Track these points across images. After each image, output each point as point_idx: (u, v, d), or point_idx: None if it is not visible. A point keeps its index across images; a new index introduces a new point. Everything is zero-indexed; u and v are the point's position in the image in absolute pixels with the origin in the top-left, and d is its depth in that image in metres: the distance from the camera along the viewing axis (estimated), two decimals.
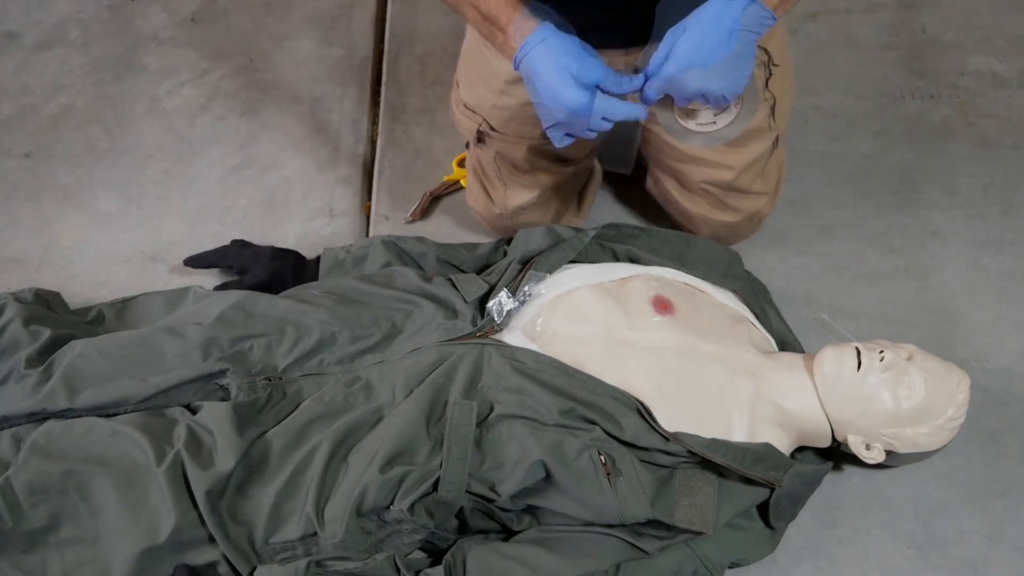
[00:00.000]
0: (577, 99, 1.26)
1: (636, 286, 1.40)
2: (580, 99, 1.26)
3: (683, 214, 1.65)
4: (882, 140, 1.86)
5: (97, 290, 1.71)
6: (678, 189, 1.62)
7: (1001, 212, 1.75)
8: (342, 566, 1.23)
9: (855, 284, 1.67)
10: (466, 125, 1.59)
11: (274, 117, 1.96)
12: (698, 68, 1.22)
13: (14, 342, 1.42)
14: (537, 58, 1.27)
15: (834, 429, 1.35)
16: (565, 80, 1.25)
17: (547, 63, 1.26)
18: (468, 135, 1.60)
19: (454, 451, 1.26)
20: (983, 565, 1.37)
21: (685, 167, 1.57)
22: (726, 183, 1.55)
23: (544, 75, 1.26)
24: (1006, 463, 1.46)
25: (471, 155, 1.65)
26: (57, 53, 2.09)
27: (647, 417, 1.27)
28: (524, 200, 1.62)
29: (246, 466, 1.28)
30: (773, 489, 1.29)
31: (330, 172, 1.87)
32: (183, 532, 1.24)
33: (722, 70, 1.23)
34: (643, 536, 1.27)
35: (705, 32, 1.21)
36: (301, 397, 1.35)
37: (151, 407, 1.35)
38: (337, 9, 2.15)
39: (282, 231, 1.78)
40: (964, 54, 1.98)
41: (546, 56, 1.26)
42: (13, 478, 1.26)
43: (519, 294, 1.40)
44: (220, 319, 1.40)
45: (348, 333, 1.38)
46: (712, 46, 1.21)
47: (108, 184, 1.87)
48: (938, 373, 1.34)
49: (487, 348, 1.34)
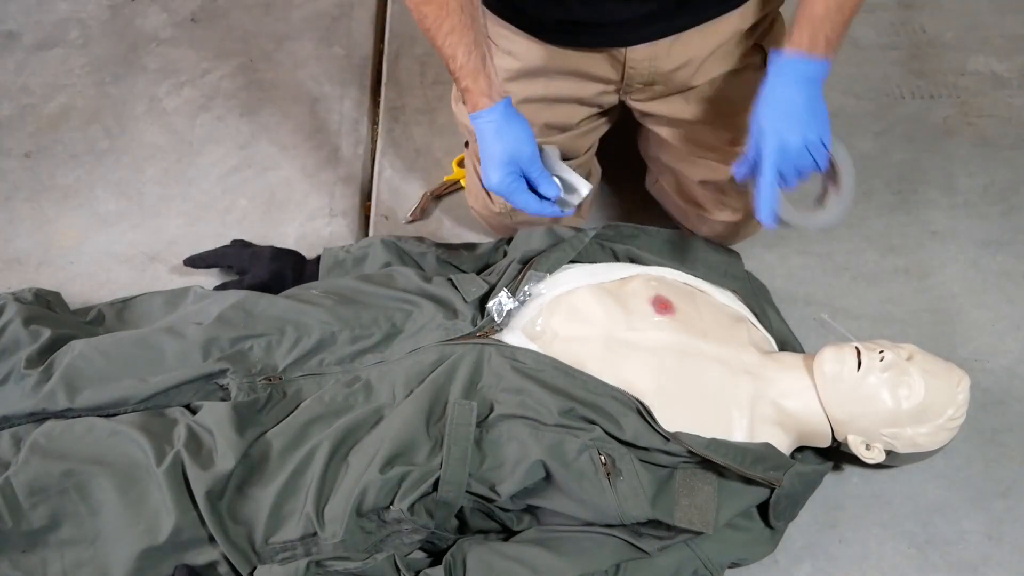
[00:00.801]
0: (501, 181, 1.36)
1: (636, 286, 1.40)
2: (501, 183, 1.36)
3: (683, 213, 1.65)
4: (882, 140, 1.86)
5: (97, 290, 1.71)
6: (677, 188, 1.62)
7: (1001, 212, 1.75)
8: (342, 566, 1.23)
9: (855, 284, 1.67)
10: (464, 121, 1.60)
11: (274, 117, 1.96)
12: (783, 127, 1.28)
13: (14, 342, 1.42)
14: (479, 132, 1.37)
15: (834, 429, 1.35)
16: (493, 162, 1.36)
17: (484, 141, 1.36)
18: (467, 130, 1.60)
19: (454, 451, 1.26)
20: (983, 565, 1.37)
21: (684, 166, 1.57)
22: (725, 181, 1.55)
23: (484, 147, 1.37)
24: (1006, 463, 1.46)
25: (470, 153, 1.65)
26: (57, 53, 2.09)
27: (647, 417, 1.27)
28: None
29: (246, 466, 1.28)
30: (773, 489, 1.29)
31: (330, 172, 1.87)
32: (183, 532, 1.24)
33: (804, 120, 1.29)
34: (643, 536, 1.27)
35: (777, 101, 1.29)
36: (301, 397, 1.35)
37: (151, 407, 1.35)
38: (337, 9, 2.15)
39: (282, 231, 1.78)
40: (964, 54, 1.98)
41: (484, 134, 1.36)
42: (13, 478, 1.26)
43: (519, 294, 1.40)
44: (220, 319, 1.40)
45: (348, 333, 1.38)
46: (787, 110, 1.29)
47: (108, 184, 1.87)
48: (938, 373, 1.34)
49: (487, 348, 1.34)
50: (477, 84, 1.34)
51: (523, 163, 1.36)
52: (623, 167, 1.79)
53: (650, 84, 1.49)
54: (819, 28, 1.28)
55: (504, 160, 1.35)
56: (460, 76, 1.34)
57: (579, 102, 1.53)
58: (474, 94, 1.34)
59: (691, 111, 1.52)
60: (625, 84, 1.49)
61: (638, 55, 1.44)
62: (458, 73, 1.34)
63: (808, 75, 1.30)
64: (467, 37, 1.33)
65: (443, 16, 1.32)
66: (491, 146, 1.36)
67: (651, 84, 1.49)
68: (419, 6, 1.32)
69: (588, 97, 1.52)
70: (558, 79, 1.49)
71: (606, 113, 1.59)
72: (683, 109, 1.52)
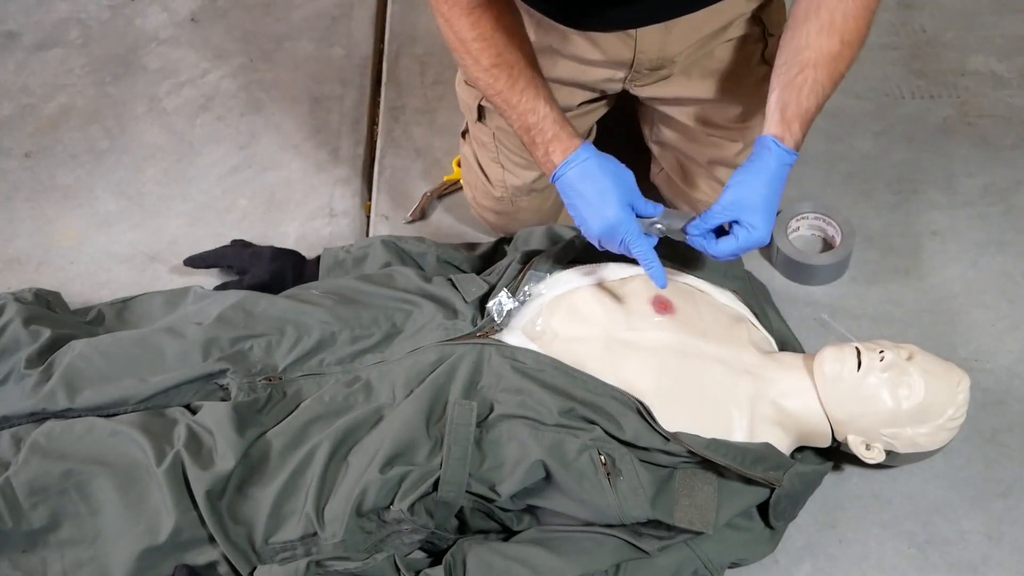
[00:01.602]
0: (617, 215, 1.29)
1: (636, 286, 1.40)
2: (620, 215, 1.29)
3: (688, 203, 1.65)
4: (882, 140, 1.86)
5: (97, 290, 1.71)
6: (682, 175, 1.63)
7: (1001, 212, 1.75)
8: (342, 566, 1.23)
9: (855, 284, 1.67)
10: (467, 100, 1.60)
11: (274, 117, 1.96)
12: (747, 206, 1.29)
13: (14, 342, 1.42)
14: (578, 176, 1.30)
15: (834, 429, 1.35)
16: (606, 198, 1.29)
17: (588, 181, 1.30)
18: (469, 111, 1.61)
19: (454, 451, 1.26)
20: (983, 565, 1.37)
21: (692, 147, 1.58)
22: (732, 158, 1.55)
23: (585, 192, 1.30)
24: (1006, 463, 1.46)
25: (470, 139, 1.65)
26: (57, 53, 2.09)
27: (647, 417, 1.27)
28: (524, 180, 1.62)
29: (246, 466, 1.28)
30: (773, 489, 1.29)
31: (330, 172, 1.87)
32: (183, 532, 1.24)
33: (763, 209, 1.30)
34: (643, 536, 1.27)
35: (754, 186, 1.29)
36: (301, 397, 1.35)
37: (151, 407, 1.35)
38: (337, 9, 2.15)
39: (282, 231, 1.78)
40: (964, 54, 1.98)
41: (587, 175, 1.30)
42: (13, 478, 1.26)
43: (519, 294, 1.40)
44: (220, 319, 1.40)
45: (348, 333, 1.38)
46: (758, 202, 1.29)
47: (108, 184, 1.87)
48: (938, 373, 1.34)
49: (487, 348, 1.34)
50: (565, 129, 1.33)
51: (631, 192, 1.32)
52: (625, 165, 1.79)
53: (657, 68, 1.50)
54: (808, 123, 1.30)
55: (618, 194, 1.29)
56: (545, 126, 1.33)
57: (581, 86, 1.53)
58: (564, 140, 1.33)
59: (695, 90, 1.53)
60: (634, 71, 1.50)
61: (649, 37, 1.45)
62: (542, 124, 1.33)
63: (788, 167, 1.31)
64: (542, 91, 1.34)
65: (515, 76, 1.32)
66: (599, 182, 1.30)
67: (658, 68, 1.50)
68: (490, 69, 1.32)
69: (592, 82, 1.53)
70: (562, 62, 1.49)
71: (606, 97, 1.59)
72: (687, 88, 1.53)
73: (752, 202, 1.29)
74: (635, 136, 1.71)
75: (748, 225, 1.29)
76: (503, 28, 1.32)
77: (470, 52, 1.32)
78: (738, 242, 1.29)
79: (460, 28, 1.31)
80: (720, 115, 1.55)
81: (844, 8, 1.27)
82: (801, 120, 1.29)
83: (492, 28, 1.31)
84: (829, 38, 1.27)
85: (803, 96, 1.28)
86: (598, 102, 1.60)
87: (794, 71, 1.28)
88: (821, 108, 1.30)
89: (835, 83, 1.30)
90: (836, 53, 1.28)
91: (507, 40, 1.32)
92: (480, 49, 1.32)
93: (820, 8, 1.28)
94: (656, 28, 1.43)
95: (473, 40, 1.32)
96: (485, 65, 1.32)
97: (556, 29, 1.46)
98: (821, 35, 1.27)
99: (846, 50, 1.28)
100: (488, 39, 1.32)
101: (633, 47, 1.46)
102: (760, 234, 1.29)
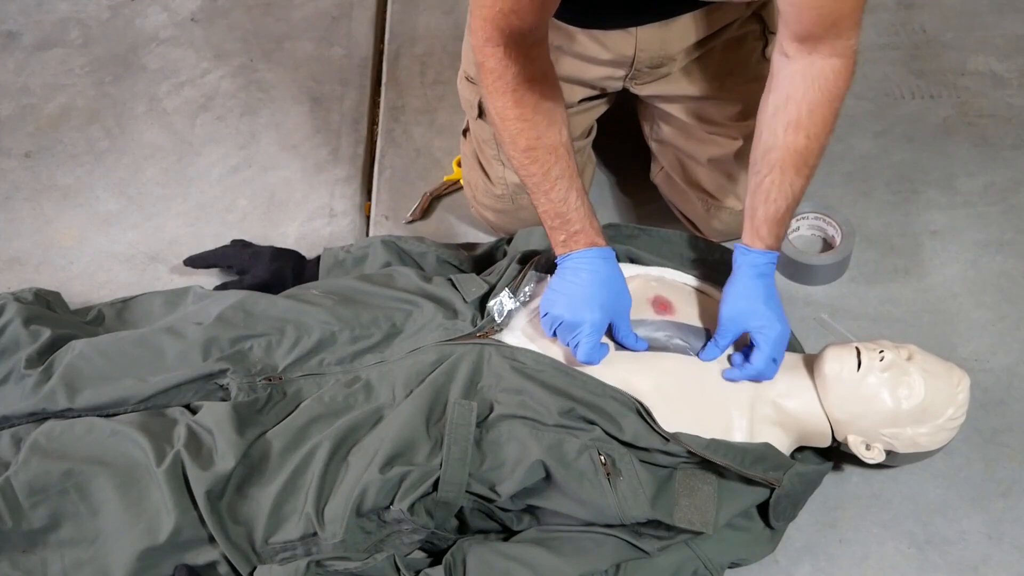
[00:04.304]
0: (592, 319, 1.29)
1: (636, 286, 1.40)
2: (595, 320, 1.29)
3: (688, 204, 1.65)
4: (882, 140, 1.86)
5: (97, 290, 1.71)
6: (683, 174, 1.63)
7: (1001, 212, 1.75)
8: (342, 566, 1.23)
9: (855, 284, 1.67)
10: (468, 97, 1.60)
11: (274, 117, 1.96)
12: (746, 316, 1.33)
13: (14, 342, 1.42)
14: (587, 268, 1.32)
15: (834, 429, 1.35)
16: (593, 303, 1.30)
17: (591, 278, 1.32)
18: (471, 109, 1.61)
19: (454, 451, 1.26)
20: (983, 565, 1.37)
21: (692, 145, 1.58)
22: (731, 156, 1.56)
23: (581, 283, 1.31)
24: (1006, 463, 1.46)
25: (471, 137, 1.65)
26: (57, 53, 2.09)
27: (647, 417, 1.27)
28: None
29: (246, 466, 1.28)
30: (773, 489, 1.29)
31: (330, 172, 1.87)
32: (183, 532, 1.24)
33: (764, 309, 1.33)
34: (643, 536, 1.27)
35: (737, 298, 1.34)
36: (301, 397, 1.35)
37: (151, 407, 1.35)
38: (337, 9, 2.15)
39: (282, 231, 1.78)
40: (964, 54, 1.98)
41: (595, 272, 1.32)
42: (13, 478, 1.26)
43: (519, 294, 1.40)
44: (220, 319, 1.40)
45: (348, 333, 1.38)
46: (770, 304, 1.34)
47: (108, 184, 1.87)
48: (938, 373, 1.34)
49: (487, 348, 1.34)
50: (592, 224, 1.35)
51: (619, 313, 1.33)
52: (625, 166, 1.80)
53: (657, 66, 1.50)
54: (780, 222, 1.34)
55: (607, 303, 1.31)
56: (573, 218, 1.34)
57: (582, 83, 1.54)
58: (590, 233, 1.34)
59: (696, 87, 1.53)
60: (634, 69, 1.50)
61: (649, 35, 1.44)
62: (571, 215, 1.34)
63: (769, 265, 1.35)
64: (576, 182, 1.35)
65: (552, 161, 1.33)
66: (599, 286, 1.32)
67: (658, 66, 1.50)
68: (527, 151, 1.32)
69: (592, 80, 1.53)
70: (566, 59, 1.49)
71: (606, 95, 1.60)
72: (687, 86, 1.53)
73: (749, 307, 1.32)
74: (635, 135, 1.71)
75: (759, 329, 1.31)
76: (544, 111, 1.32)
77: (508, 131, 1.33)
78: (765, 348, 1.31)
79: (503, 105, 1.31)
80: (720, 113, 1.55)
81: (810, 101, 1.29)
82: (770, 223, 1.33)
83: (533, 109, 1.31)
84: (796, 135, 1.30)
85: (771, 200, 1.32)
86: (598, 99, 1.60)
87: (763, 172, 1.32)
88: (798, 199, 1.34)
89: (806, 176, 1.33)
90: (803, 148, 1.31)
91: (548, 123, 1.32)
92: (519, 130, 1.32)
93: (788, 103, 1.30)
94: (656, 26, 1.43)
95: (514, 120, 1.31)
96: (522, 147, 1.33)
97: (563, 29, 1.46)
98: (788, 132, 1.30)
99: (813, 144, 1.31)
100: (528, 120, 1.31)
101: (633, 45, 1.46)
102: (778, 328, 1.31)
